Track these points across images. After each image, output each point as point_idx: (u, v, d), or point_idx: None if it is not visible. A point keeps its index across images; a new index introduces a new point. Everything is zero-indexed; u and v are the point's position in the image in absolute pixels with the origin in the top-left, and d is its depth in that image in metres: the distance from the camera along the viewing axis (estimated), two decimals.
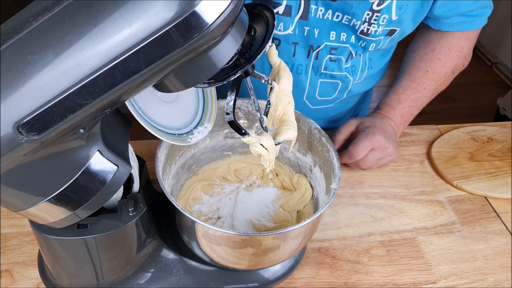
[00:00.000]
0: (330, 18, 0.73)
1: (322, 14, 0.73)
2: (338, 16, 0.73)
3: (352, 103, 0.96)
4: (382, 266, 0.68)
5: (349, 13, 0.72)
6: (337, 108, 0.92)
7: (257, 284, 0.62)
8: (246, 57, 0.44)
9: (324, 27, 0.75)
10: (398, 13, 0.72)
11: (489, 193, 0.81)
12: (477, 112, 2.58)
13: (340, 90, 0.86)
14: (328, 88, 0.85)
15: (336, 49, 0.78)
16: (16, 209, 0.42)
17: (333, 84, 0.85)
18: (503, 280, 0.67)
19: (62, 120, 0.34)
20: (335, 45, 0.77)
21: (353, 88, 0.87)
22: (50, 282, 0.59)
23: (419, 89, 0.86)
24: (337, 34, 0.76)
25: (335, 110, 0.93)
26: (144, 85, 0.37)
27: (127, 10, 0.31)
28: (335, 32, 0.76)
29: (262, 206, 0.68)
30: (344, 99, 0.90)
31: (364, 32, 0.74)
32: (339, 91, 0.87)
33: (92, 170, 0.42)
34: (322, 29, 0.75)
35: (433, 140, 0.92)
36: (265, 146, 0.50)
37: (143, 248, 0.56)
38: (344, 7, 0.71)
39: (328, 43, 0.77)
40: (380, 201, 0.78)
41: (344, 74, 0.82)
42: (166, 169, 0.61)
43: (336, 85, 0.85)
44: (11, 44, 0.32)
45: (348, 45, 0.77)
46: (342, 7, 0.71)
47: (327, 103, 0.89)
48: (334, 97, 0.88)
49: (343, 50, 0.78)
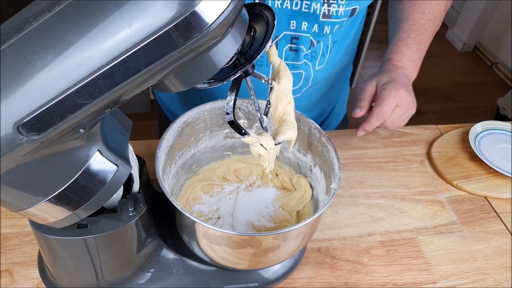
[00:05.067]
0: (289, 7, 0.72)
1: (280, 3, 0.72)
2: (297, 4, 0.72)
3: (322, 91, 0.93)
4: (382, 266, 0.68)
5: None
6: (306, 97, 0.90)
7: (257, 284, 0.62)
8: (246, 57, 0.44)
9: (283, 16, 0.74)
10: None
11: (489, 193, 0.81)
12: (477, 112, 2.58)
13: (305, 79, 0.85)
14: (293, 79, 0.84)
15: (297, 39, 0.77)
16: (16, 209, 0.42)
17: (297, 75, 0.83)
18: (503, 280, 0.67)
19: (62, 120, 0.34)
20: (296, 35, 0.76)
21: (317, 74, 0.86)
22: (50, 282, 0.59)
23: (422, 31, 0.85)
24: (297, 23, 0.75)
25: (303, 99, 0.90)
26: (144, 85, 0.37)
27: (127, 10, 0.31)
28: (295, 22, 0.75)
29: (262, 206, 0.68)
30: (311, 87, 0.88)
31: (326, 14, 0.73)
32: (303, 80, 0.85)
33: (92, 170, 0.42)
34: (281, 18, 0.74)
35: (433, 140, 0.92)
36: (265, 146, 0.50)
37: (143, 248, 0.56)
38: None
39: (287, 32, 0.76)
40: (380, 201, 0.78)
41: (304, 62, 0.81)
42: (166, 169, 0.61)
43: (300, 75, 0.84)
44: (11, 44, 0.32)
45: (309, 35, 0.76)
46: None
47: (294, 93, 0.87)
48: (299, 87, 0.86)
49: (304, 39, 0.77)
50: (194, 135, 0.67)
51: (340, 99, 1.05)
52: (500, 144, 0.89)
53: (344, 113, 1.11)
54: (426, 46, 0.87)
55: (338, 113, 1.08)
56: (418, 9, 0.85)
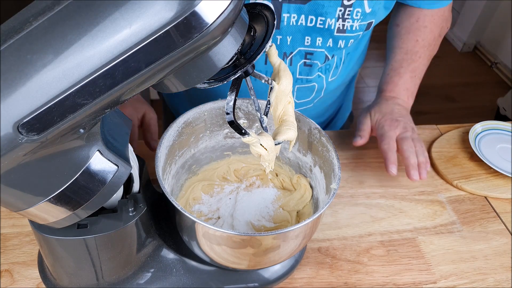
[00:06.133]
0: (304, 23, 0.73)
1: (295, 21, 0.73)
2: (312, 20, 0.72)
3: (333, 98, 0.95)
4: (382, 266, 0.68)
5: (321, 13, 0.71)
6: (318, 106, 0.92)
7: (257, 284, 0.62)
8: (246, 57, 0.44)
9: (297, 33, 0.74)
10: (370, 5, 0.72)
11: (489, 193, 0.81)
12: (477, 112, 2.58)
13: (317, 90, 0.86)
14: (305, 92, 0.86)
15: (312, 54, 0.78)
16: (16, 209, 0.42)
17: (310, 88, 0.85)
18: (503, 280, 0.67)
19: (62, 120, 0.34)
20: (310, 50, 0.77)
21: (329, 85, 0.87)
22: (50, 282, 0.59)
23: (415, 59, 0.86)
24: (312, 39, 0.75)
25: (315, 108, 0.92)
26: (144, 85, 0.37)
27: (127, 10, 0.31)
28: (310, 38, 0.75)
29: (262, 206, 0.68)
30: (323, 97, 0.90)
31: (341, 29, 0.73)
32: (316, 91, 0.86)
33: (92, 170, 0.42)
34: (296, 35, 0.75)
35: (433, 140, 0.92)
36: (265, 146, 0.50)
37: (143, 248, 0.56)
38: (315, 8, 0.71)
39: (302, 48, 0.77)
40: (380, 201, 0.78)
41: (317, 75, 0.82)
42: (166, 169, 0.61)
43: (313, 88, 0.85)
44: (11, 44, 0.32)
45: (323, 50, 0.77)
46: (313, 9, 0.71)
47: (306, 104, 0.89)
48: (312, 98, 0.88)
49: (319, 54, 0.78)
50: (194, 135, 0.67)
51: (346, 98, 1.05)
52: (500, 144, 0.89)
53: (349, 111, 1.12)
54: (422, 71, 0.89)
55: (345, 112, 1.09)
56: (412, 37, 0.86)
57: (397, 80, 0.85)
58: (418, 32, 0.86)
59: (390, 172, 0.73)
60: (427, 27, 0.85)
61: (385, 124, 0.79)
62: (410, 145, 0.75)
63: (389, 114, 0.80)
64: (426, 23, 0.85)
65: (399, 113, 0.81)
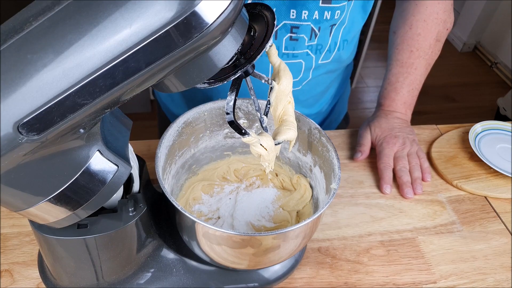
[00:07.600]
0: None
1: None
2: None
3: (323, 85, 0.93)
4: (382, 266, 0.68)
5: None
6: (306, 91, 0.90)
7: (257, 284, 0.62)
8: (246, 57, 0.44)
9: (282, 5, 0.74)
10: None
11: (489, 193, 0.81)
12: (477, 112, 2.58)
13: (305, 70, 0.85)
14: (292, 69, 0.83)
15: (298, 28, 0.77)
16: (16, 209, 0.42)
17: (297, 65, 0.83)
18: (503, 280, 0.67)
19: (62, 120, 0.34)
20: (296, 23, 0.76)
21: (319, 68, 0.86)
22: (50, 282, 0.59)
23: (411, 71, 0.87)
24: (298, 12, 0.75)
25: (304, 93, 0.90)
26: (144, 85, 0.37)
27: (127, 10, 0.31)
28: (295, 11, 0.75)
29: (262, 206, 0.68)
30: (311, 80, 0.88)
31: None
32: (304, 71, 0.85)
33: (92, 170, 0.42)
34: (280, 7, 0.74)
35: (433, 140, 0.92)
36: (265, 146, 0.50)
37: (143, 248, 0.56)
38: None
39: (287, 22, 0.76)
40: (380, 201, 0.79)
41: (306, 52, 0.81)
42: (166, 169, 0.61)
43: (300, 65, 0.83)
44: (11, 44, 0.32)
45: (309, 23, 0.76)
46: None
47: (295, 86, 0.87)
48: (300, 79, 0.86)
49: (305, 28, 0.77)
50: (194, 135, 0.67)
51: (341, 98, 1.05)
52: (500, 144, 0.89)
53: (345, 111, 1.11)
54: (420, 82, 0.90)
55: (340, 112, 1.08)
56: (406, 47, 0.87)
57: (394, 96, 0.88)
58: (412, 42, 0.86)
59: (383, 192, 0.80)
60: (420, 34, 0.85)
61: (384, 141, 0.84)
62: (404, 164, 0.81)
63: (388, 130, 0.85)
64: (419, 30, 0.85)
65: (399, 127, 0.85)
